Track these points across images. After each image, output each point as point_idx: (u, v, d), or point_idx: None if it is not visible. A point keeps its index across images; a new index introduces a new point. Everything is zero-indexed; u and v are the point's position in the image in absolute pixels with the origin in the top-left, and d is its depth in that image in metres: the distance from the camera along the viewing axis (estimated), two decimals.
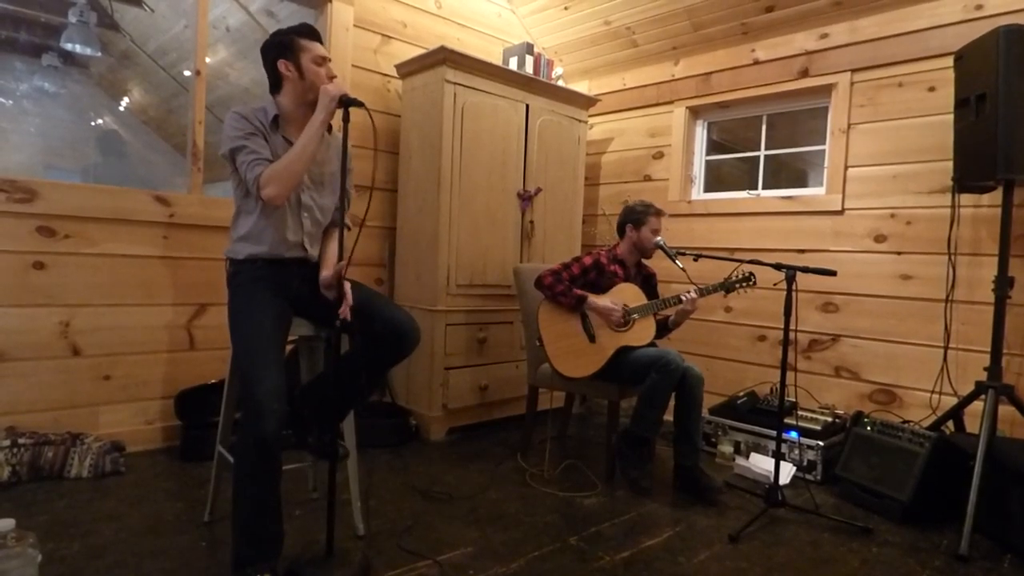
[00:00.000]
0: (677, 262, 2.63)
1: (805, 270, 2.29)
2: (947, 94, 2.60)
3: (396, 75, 3.36)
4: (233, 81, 5.20)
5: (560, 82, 3.70)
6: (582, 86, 4.14)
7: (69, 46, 4.99)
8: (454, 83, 3.02)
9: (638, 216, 2.74)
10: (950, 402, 2.55)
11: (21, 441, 2.26)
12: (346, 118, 1.71)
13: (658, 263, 2.95)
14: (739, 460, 2.79)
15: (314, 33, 1.88)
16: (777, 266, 2.31)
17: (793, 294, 2.26)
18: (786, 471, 2.62)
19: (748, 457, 2.80)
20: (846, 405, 2.96)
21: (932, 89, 2.76)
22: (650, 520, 2.23)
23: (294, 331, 1.89)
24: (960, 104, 2.42)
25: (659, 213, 2.76)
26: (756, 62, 3.34)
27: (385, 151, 3.40)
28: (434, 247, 3.05)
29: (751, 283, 2.58)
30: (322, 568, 1.68)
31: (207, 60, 2.92)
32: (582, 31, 3.83)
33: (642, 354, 2.53)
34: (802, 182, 3.52)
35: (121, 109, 6.69)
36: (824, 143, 3.14)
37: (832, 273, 2.26)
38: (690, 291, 2.60)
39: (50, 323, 2.47)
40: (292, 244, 1.88)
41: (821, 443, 2.66)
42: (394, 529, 2.03)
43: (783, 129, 3.50)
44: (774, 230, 3.26)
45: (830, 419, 2.80)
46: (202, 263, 2.81)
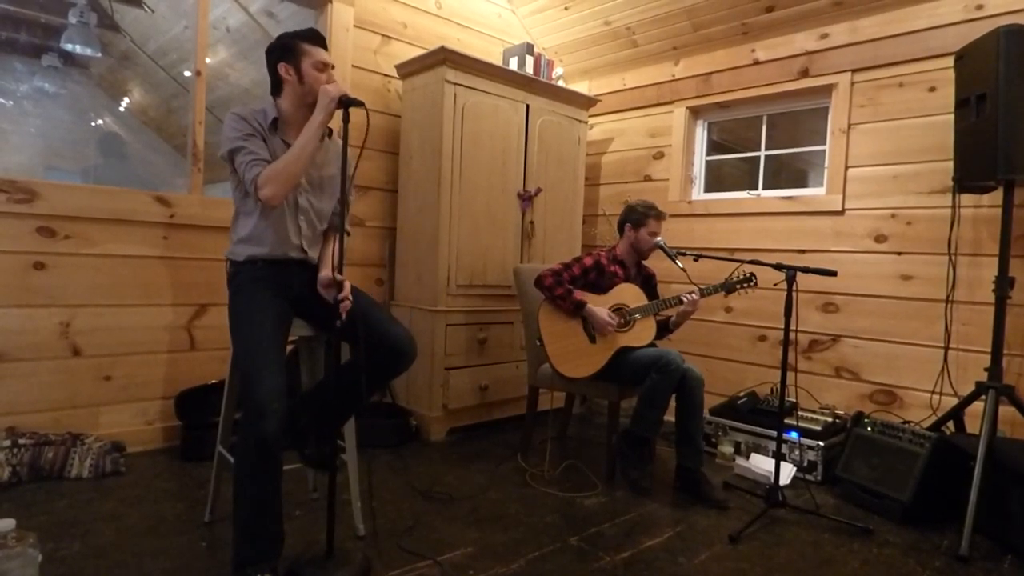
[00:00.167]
0: (677, 262, 2.63)
1: (805, 270, 2.29)
2: (947, 94, 2.60)
3: (396, 75, 3.36)
4: (233, 82, 5.20)
5: (560, 82, 3.70)
6: (582, 86, 4.14)
7: (69, 47, 4.99)
8: (454, 83, 3.02)
9: (638, 217, 2.74)
10: (950, 403, 2.54)
11: (21, 441, 2.27)
12: (346, 119, 1.70)
13: (658, 263, 2.95)
14: (739, 460, 2.79)
15: (319, 39, 1.88)
16: (777, 266, 2.31)
17: (793, 294, 2.27)
18: (786, 471, 2.62)
19: (748, 457, 2.80)
20: (846, 405, 2.96)
21: (932, 89, 2.76)
22: (650, 520, 2.23)
23: (294, 332, 1.89)
24: (960, 104, 2.42)
25: (660, 216, 2.76)
26: (756, 62, 3.34)
27: (385, 151, 3.40)
28: (434, 247, 3.06)
29: (752, 283, 2.58)
30: (322, 568, 1.68)
31: (207, 61, 2.92)
32: (582, 31, 3.83)
33: (642, 354, 2.53)
34: (802, 182, 3.52)
35: (121, 110, 6.69)
36: (824, 143, 3.14)
37: (832, 273, 2.26)
38: (691, 292, 2.60)
39: (50, 323, 2.47)
40: (292, 246, 1.89)
41: (821, 443, 2.66)
42: (394, 529, 2.04)
43: (783, 129, 3.49)
44: (774, 230, 3.26)
45: (830, 419, 2.80)
46: (202, 263, 2.81)
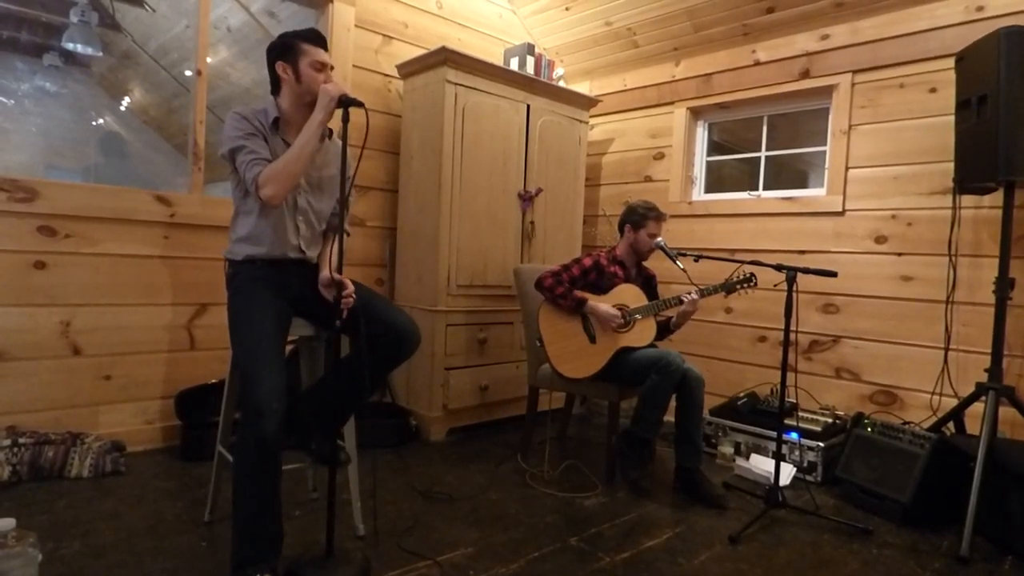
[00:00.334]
0: (678, 263, 2.63)
1: (806, 271, 2.29)
2: (948, 95, 2.60)
3: (397, 75, 3.36)
4: (234, 81, 5.20)
5: (561, 83, 3.71)
6: (583, 87, 4.14)
7: (70, 46, 4.99)
8: (455, 83, 3.02)
9: (638, 218, 2.74)
10: (951, 404, 2.54)
11: (21, 441, 2.27)
12: (345, 118, 1.70)
13: (658, 264, 2.95)
14: (739, 461, 2.79)
15: (319, 39, 1.87)
16: (778, 267, 2.31)
17: (794, 295, 2.27)
18: (786, 472, 2.62)
19: (748, 458, 2.80)
20: (846, 406, 2.96)
21: (933, 90, 2.76)
22: (650, 521, 2.23)
23: (294, 331, 1.89)
24: (961, 105, 2.42)
25: (660, 217, 2.75)
26: (757, 63, 3.34)
27: (386, 151, 3.40)
28: (435, 247, 3.06)
29: (752, 284, 2.58)
30: (322, 568, 1.68)
31: (208, 60, 2.92)
32: (583, 32, 3.83)
33: (642, 355, 2.53)
34: (803, 183, 3.52)
35: (122, 109, 6.69)
36: (825, 144, 3.14)
37: (833, 274, 2.26)
38: (691, 292, 2.60)
39: (51, 323, 2.48)
40: (291, 246, 1.89)
41: (821, 444, 2.66)
42: (394, 529, 2.04)
43: (784, 130, 3.49)
44: (775, 231, 3.26)
45: (830, 420, 2.80)
46: (203, 263, 2.81)
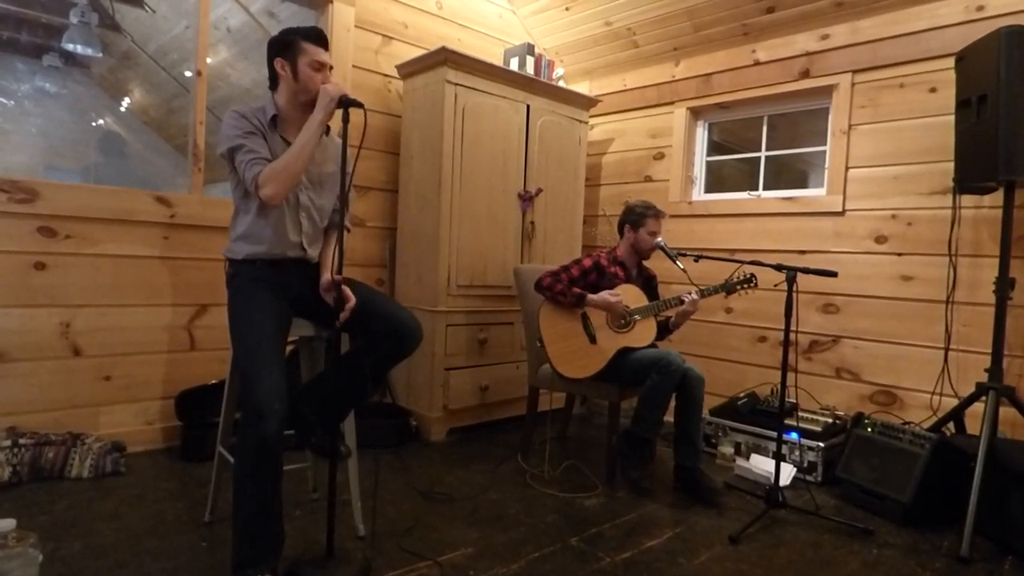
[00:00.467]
0: (678, 263, 2.63)
1: (806, 271, 2.29)
2: (948, 95, 2.60)
3: (397, 76, 3.36)
4: (234, 82, 5.20)
5: (561, 83, 3.71)
6: (583, 87, 4.14)
7: (70, 47, 4.99)
8: (455, 84, 3.02)
9: (636, 217, 2.74)
10: (951, 404, 2.54)
11: (22, 441, 2.27)
12: (345, 119, 1.70)
13: (658, 264, 2.95)
14: (739, 461, 2.79)
15: (320, 38, 1.86)
16: (778, 267, 2.31)
17: (794, 295, 2.27)
18: (787, 472, 2.62)
19: (748, 458, 2.79)
20: (847, 406, 2.96)
21: (933, 90, 2.76)
22: (650, 521, 2.23)
23: (294, 331, 1.89)
24: (961, 105, 2.42)
25: (658, 216, 2.76)
26: (757, 63, 3.34)
27: (386, 151, 3.40)
28: (435, 248, 3.06)
29: (752, 284, 2.58)
30: (322, 569, 1.68)
31: (208, 61, 2.92)
32: (583, 32, 3.83)
33: (643, 355, 2.53)
34: (803, 183, 3.52)
35: (122, 110, 6.69)
36: (825, 144, 3.14)
37: (833, 274, 2.26)
38: (691, 292, 2.60)
39: (51, 323, 2.48)
40: (291, 244, 1.88)
41: (822, 444, 2.66)
42: (395, 530, 2.03)
43: (784, 130, 3.49)
44: (775, 231, 3.26)
45: (831, 420, 2.80)
46: (203, 263, 2.81)
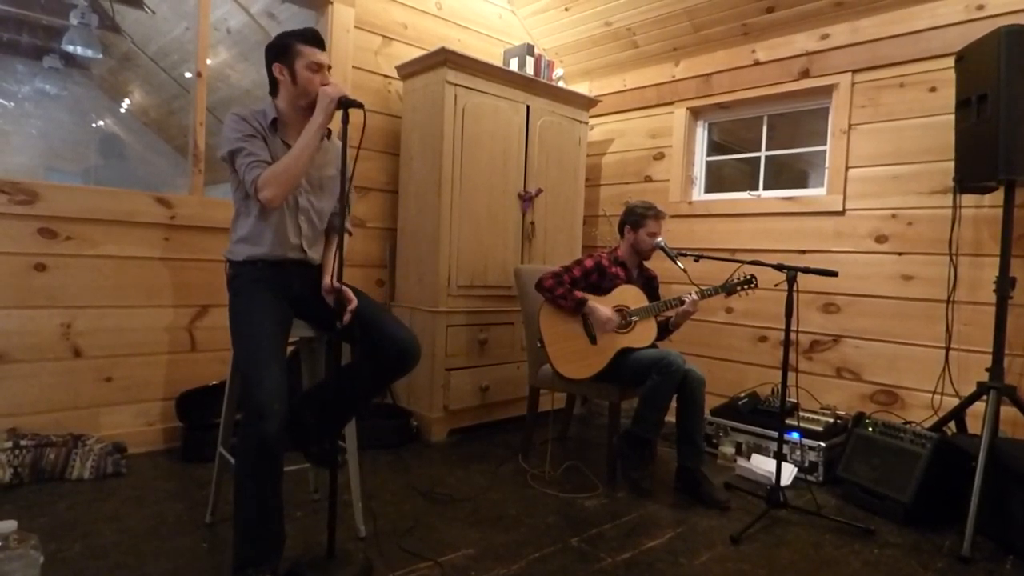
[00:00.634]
0: (678, 263, 2.63)
1: (806, 271, 2.29)
2: (948, 95, 2.60)
3: (397, 76, 3.36)
4: (234, 83, 5.21)
5: (561, 83, 3.70)
6: (583, 87, 4.14)
7: (70, 48, 4.99)
8: (455, 84, 3.02)
9: (637, 217, 2.74)
10: (952, 403, 2.54)
11: (23, 443, 2.27)
12: (345, 119, 1.71)
13: (659, 264, 2.95)
14: (740, 461, 2.79)
15: (316, 39, 1.86)
16: (778, 267, 2.31)
17: (794, 295, 2.26)
18: (787, 472, 2.62)
19: (749, 458, 2.79)
20: (847, 406, 2.96)
21: (933, 90, 2.76)
22: (651, 521, 2.23)
23: (295, 333, 1.89)
24: (961, 105, 2.42)
25: (659, 216, 2.75)
26: (757, 63, 3.34)
27: (386, 152, 3.40)
28: (435, 248, 3.06)
29: (752, 285, 2.58)
30: (323, 569, 1.68)
31: (208, 62, 2.93)
32: (583, 32, 3.83)
33: (643, 355, 2.53)
34: (803, 183, 3.52)
35: (122, 111, 6.70)
36: (825, 144, 3.14)
37: (833, 274, 2.26)
38: (691, 292, 2.60)
39: (51, 325, 2.48)
40: (291, 246, 1.88)
41: (822, 444, 2.66)
42: (395, 530, 2.03)
43: (784, 130, 3.49)
44: (775, 231, 3.26)
45: (831, 420, 2.80)
46: (203, 264, 2.81)
